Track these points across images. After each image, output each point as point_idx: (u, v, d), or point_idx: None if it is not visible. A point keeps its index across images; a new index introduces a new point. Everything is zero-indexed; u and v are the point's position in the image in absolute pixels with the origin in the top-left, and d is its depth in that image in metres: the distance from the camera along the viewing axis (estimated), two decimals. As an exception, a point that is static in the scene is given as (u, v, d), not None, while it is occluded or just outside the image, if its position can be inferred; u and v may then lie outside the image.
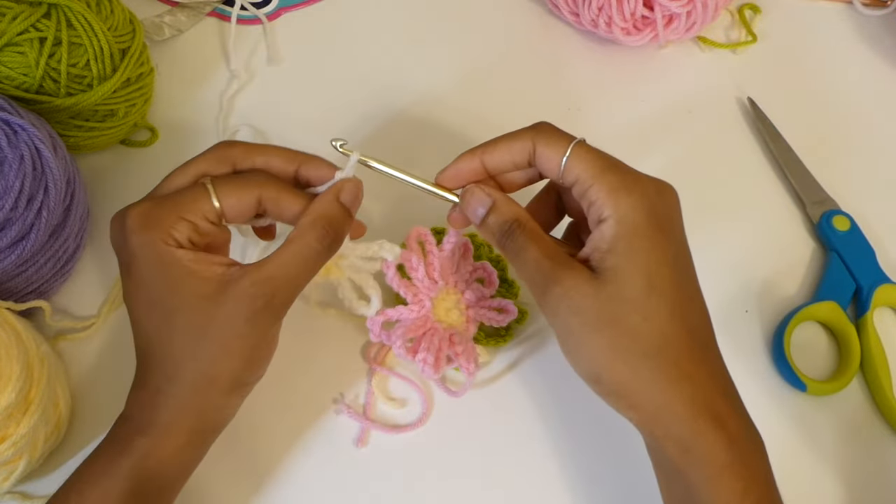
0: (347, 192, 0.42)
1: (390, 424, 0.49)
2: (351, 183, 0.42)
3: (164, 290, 0.39)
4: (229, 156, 0.42)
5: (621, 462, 0.49)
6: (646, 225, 0.39)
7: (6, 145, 0.44)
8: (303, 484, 0.47)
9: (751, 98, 0.61)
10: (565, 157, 0.40)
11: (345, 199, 0.41)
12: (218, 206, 0.40)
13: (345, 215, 0.41)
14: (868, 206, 0.57)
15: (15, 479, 0.43)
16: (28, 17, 0.48)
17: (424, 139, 0.59)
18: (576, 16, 0.63)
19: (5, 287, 0.46)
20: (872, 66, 0.65)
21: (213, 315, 0.39)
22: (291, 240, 0.40)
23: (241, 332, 0.39)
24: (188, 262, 0.39)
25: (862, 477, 0.49)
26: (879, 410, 0.51)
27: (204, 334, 0.39)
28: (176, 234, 0.39)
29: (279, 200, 0.41)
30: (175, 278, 0.39)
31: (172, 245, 0.39)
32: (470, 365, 0.46)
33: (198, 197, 0.40)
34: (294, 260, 0.40)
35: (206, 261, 0.39)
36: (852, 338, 0.52)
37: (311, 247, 0.40)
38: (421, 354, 0.45)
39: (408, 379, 0.50)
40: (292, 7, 0.65)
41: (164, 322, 0.39)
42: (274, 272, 0.39)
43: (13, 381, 0.40)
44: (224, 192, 0.40)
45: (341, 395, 0.50)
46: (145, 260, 0.39)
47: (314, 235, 0.40)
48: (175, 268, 0.39)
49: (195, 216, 0.39)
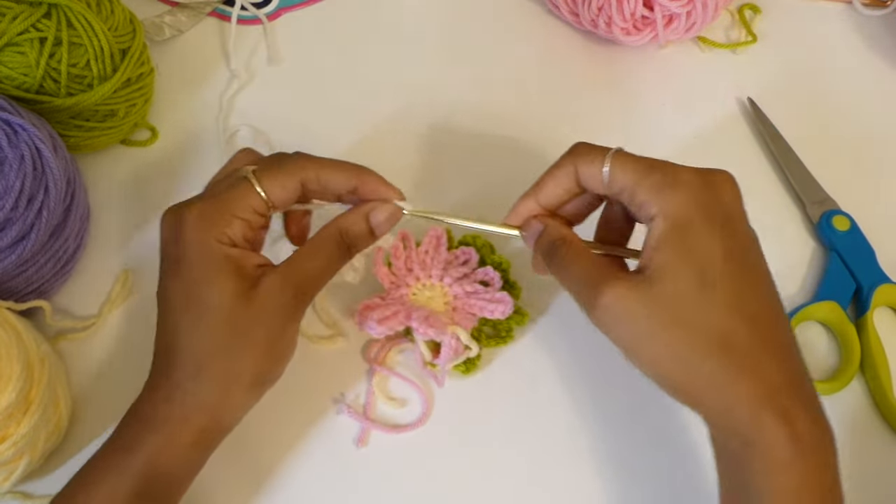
0: (378, 214, 0.43)
1: (390, 424, 0.49)
2: (387, 207, 0.43)
3: (206, 287, 0.40)
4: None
5: (622, 461, 0.49)
6: (693, 218, 0.38)
7: (6, 145, 0.44)
8: (303, 484, 0.47)
9: (751, 98, 0.61)
10: (605, 168, 0.41)
11: (373, 222, 0.43)
12: (265, 196, 0.41)
13: (367, 235, 0.43)
14: (868, 206, 0.57)
15: (15, 479, 0.43)
16: (28, 17, 0.48)
17: (424, 139, 0.59)
18: (576, 16, 0.63)
19: (5, 287, 0.46)
20: (872, 66, 0.65)
21: (244, 310, 0.40)
22: (314, 242, 0.42)
23: (267, 325, 0.40)
24: (235, 260, 0.40)
25: (862, 477, 0.49)
26: (879, 410, 0.51)
27: (234, 330, 0.40)
28: (230, 233, 0.41)
29: (320, 178, 0.42)
30: (221, 276, 0.40)
31: (227, 244, 0.41)
32: (428, 330, 0.46)
33: (246, 193, 0.41)
34: (315, 261, 0.42)
35: (248, 257, 0.41)
36: (852, 338, 0.52)
37: (330, 252, 0.42)
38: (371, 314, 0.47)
39: (408, 379, 0.50)
40: (292, 7, 0.65)
41: (198, 319, 0.40)
42: (299, 271, 0.41)
43: (13, 381, 0.40)
44: (267, 182, 0.41)
45: (342, 394, 0.50)
46: (198, 257, 0.40)
47: (333, 244, 0.42)
48: (224, 266, 0.40)
49: (246, 212, 0.41)
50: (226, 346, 0.40)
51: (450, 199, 0.56)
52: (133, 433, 0.40)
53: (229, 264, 0.40)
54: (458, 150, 0.58)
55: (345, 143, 0.58)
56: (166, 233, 0.42)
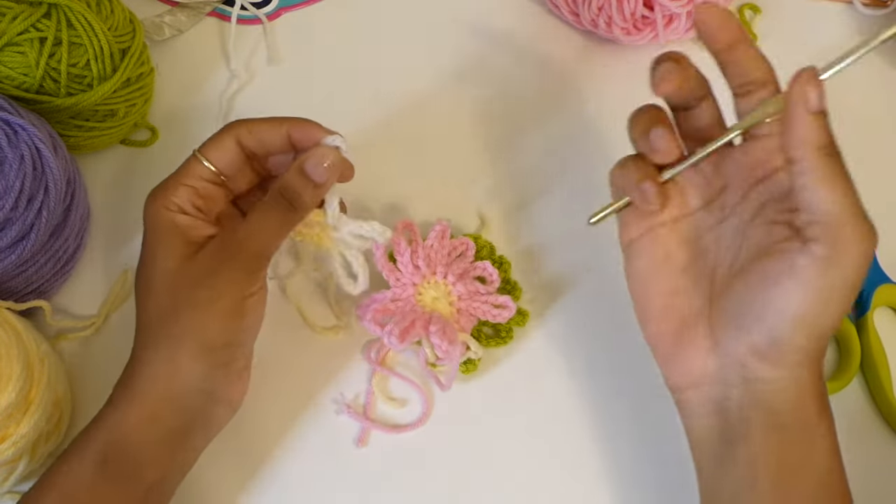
0: (311, 161, 0.42)
1: (390, 424, 0.49)
2: (317, 152, 0.43)
3: (152, 255, 0.42)
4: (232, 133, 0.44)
5: (623, 461, 0.49)
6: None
7: (6, 145, 0.44)
8: (302, 482, 0.47)
9: (751, 98, 0.61)
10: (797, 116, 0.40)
11: (308, 169, 0.42)
12: (206, 163, 0.43)
13: (304, 185, 0.42)
14: (868, 206, 0.57)
15: (15, 479, 0.43)
16: (28, 17, 0.48)
17: (424, 138, 0.59)
18: (576, 16, 0.63)
19: (5, 287, 0.46)
20: (872, 66, 0.65)
21: (184, 272, 0.41)
22: (258, 205, 0.43)
23: (205, 284, 0.40)
24: (181, 225, 0.42)
25: (862, 477, 0.49)
26: (879, 410, 0.51)
27: (174, 291, 0.41)
28: (176, 200, 0.42)
29: (252, 131, 0.43)
30: (165, 242, 0.42)
31: (174, 210, 0.42)
32: (443, 344, 0.46)
33: (190, 163, 0.43)
34: (258, 223, 0.42)
35: (197, 226, 0.42)
36: (852, 338, 0.52)
37: (271, 212, 0.42)
38: (388, 327, 0.46)
39: (408, 379, 0.50)
40: (292, 7, 0.65)
41: (147, 288, 0.41)
42: (241, 232, 0.42)
43: (13, 381, 0.40)
44: (206, 149, 0.43)
45: (341, 394, 0.50)
46: (149, 228, 0.42)
47: (274, 202, 0.42)
48: (167, 231, 0.42)
49: (192, 180, 0.43)
50: (167, 310, 0.41)
51: (451, 198, 0.56)
52: (101, 411, 0.41)
53: (174, 231, 0.41)
54: (459, 150, 0.58)
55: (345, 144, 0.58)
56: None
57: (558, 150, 0.58)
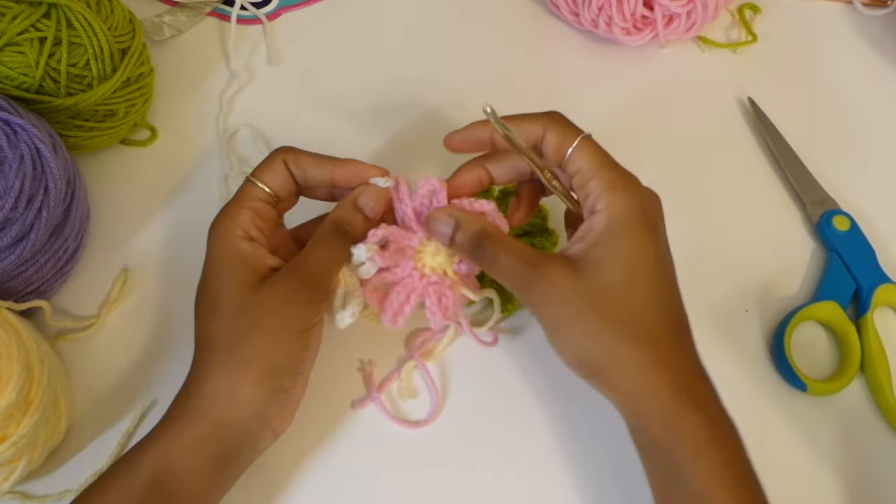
0: (364, 196, 0.45)
1: (393, 413, 0.49)
2: (370, 189, 0.45)
3: (219, 279, 0.43)
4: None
5: (623, 455, 0.49)
6: (634, 222, 0.42)
7: (6, 145, 0.44)
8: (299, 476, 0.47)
9: (751, 98, 0.61)
10: (572, 147, 0.43)
11: (361, 204, 0.45)
12: (261, 185, 0.45)
13: (358, 217, 0.45)
14: (868, 206, 0.57)
15: (15, 479, 0.43)
16: (28, 17, 0.48)
17: (424, 138, 0.59)
18: (576, 16, 0.63)
19: (5, 287, 0.46)
20: (872, 66, 0.65)
21: (251, 299, 0.42)
22: (315, 237, 0.44)
23: (275, 312, 0.42)
24: (246, 252, 0.43)
25: (862, 477, 0.49)
26: (879, 410, 0.51)
27: (243, 317, 0.41)
28: (240, 223, 0.44)
29: (298, 160, 0.45)
30: (230, 268, 0.43)
31: (239, 235, 0.43)
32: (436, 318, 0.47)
33: (246, 186, 0.45)
34: (318, 252, 0.44)
35: (261, 256, 0.44)
36: (852, 338, 0.52)
37: (329, 241, 0.44)
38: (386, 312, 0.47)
39: (433, 382, 0.50)
40: (292, 7, 0.65)
41: (211, 312, 0.42)
42: (303, 261, 0.43)
43: (13, 381, 0.40)
44: (259, 172, 0.45)
45: (370, 360, 0.50)
46: (214, 250, 0.43)
47: (331, 233, 0.44)
48: (232, 258, 0.43)
49: (251, 202, 0.44)
50: (235, 334, 0.41)
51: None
52: (154, 431, 0.41)
53: (240, 256, 0.43)
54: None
55: (345, 143, 0.58)
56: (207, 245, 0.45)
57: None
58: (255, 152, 0.57)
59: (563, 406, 0.50)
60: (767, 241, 0.56)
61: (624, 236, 0.42)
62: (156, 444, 0.40)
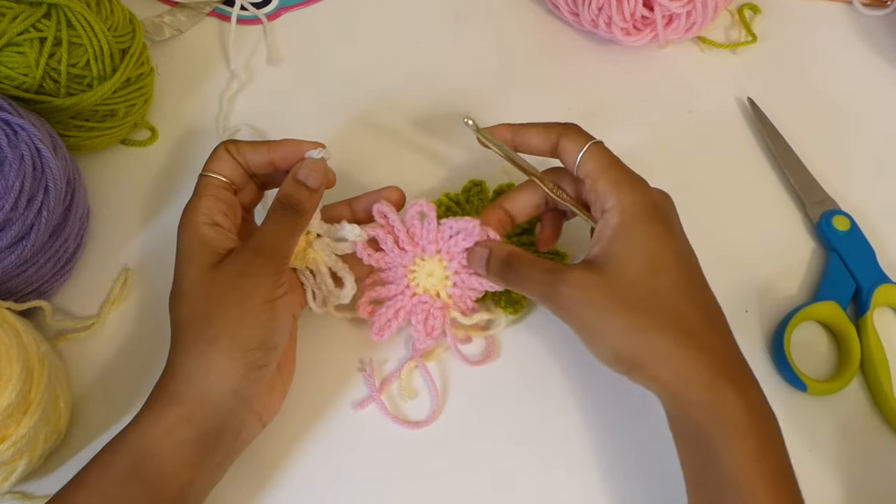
0: (303, 170, 0.46)
1: (394, 412, 0.49)
2: (307, 162, 0.47)
3: (182, 266, 0.44)
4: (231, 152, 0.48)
5: (638, 458, 0.49)
6: (647, 216, 0.43)
7: (6, 145, 0.44)
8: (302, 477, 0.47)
9: (751, 98, 0.61)
10: (582, 152, 0.45)
11: (301, 177, 0.46)
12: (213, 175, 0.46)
13: (301, 189, 0.46)
14: (868, 206, 0.57)
15: (15, 479, 0.43)
16: (28, 17, 0.48)
17: (424, 138, 0.59)
18: (576, 16, 0.63)
19: (5, 287, 0.46)
20: (872, 66, 0.65)
21: (212, 278, 0.43)
22: (267, 215, 0.45)
23: (234, 286, 0.42)
24: (208, 237, 0.44)
25: (862, 477, 0.49)
26: (879, 410, 0.51)
27: (205, 298, 0.42)
28: (203, 210, 0.45)
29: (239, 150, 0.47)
30: (192, 252, 0.44)
31: (202, 221, 0.44)
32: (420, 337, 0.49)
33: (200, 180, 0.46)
34: (269, 226, 0.45)
35: (222, 238, 0.44)
36: (852, 338, 0.52)
37: (279, 216, 0.45)
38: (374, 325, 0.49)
39: (433, 382, 0.50)
40: (292, 7, 0.65)
41: (178, 297, 0.43)
42: (257, 238, 0.44)
43: (13, 381, 0.40)
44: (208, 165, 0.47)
45: (371, 359, 0.50)
46: (181, 240, 0.44)
47: (280, 210, 0.45)
48: (195, 242, 0.44)
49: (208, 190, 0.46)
50: (200, 314, 0.42)
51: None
52: (136, 415, 0.41)
53: (202, 241, 0.44)
54: (459, 149, 0.58)
55: (345, 143, 0.58)
56: None
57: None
58: (255, 152, 0.58)
59: (564, 405, 0.50)
60: (767, 241, 0.56)
61: (639, 230, 0.43)
62: (134, 428, 0.41)
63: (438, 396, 0.50)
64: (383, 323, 0.49)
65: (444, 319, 0.49)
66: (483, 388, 0.50)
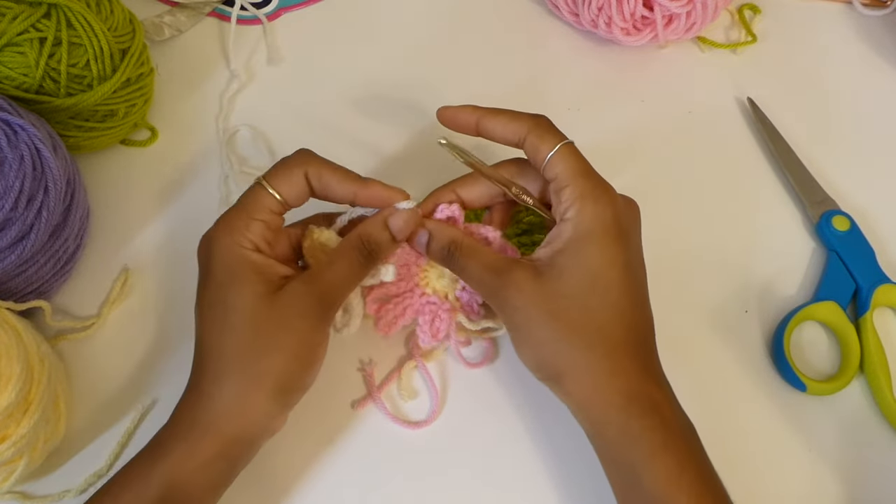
0: (396, 219, 0.45)
1: (393, 412, 0.49)
2: (404, 213, 0.45)
3: (228, 289, 0.41)
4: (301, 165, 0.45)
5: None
6: (601, 233, 0.42)
7: (6, 145, 0.44)
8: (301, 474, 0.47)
9: (751, 98, 0.61)
10: (551, 153, 0.44)
11: (392, 226, 0.45)
12: (277, 196, 0.43)
13: (387, 239, 0.45)
14: (868, 206, 0.57)
15: (15, 479, 0.43)
16: (28, 17, 0.48)
17: (424, 138, 0.59)
18: (576, 16, 0.63)
19: (5, 287, 0.46)
20: (872, 66, 0.65)
21: (266, 313, 0.41)
22: (337, 250, 0.44)
23: (291, 328, 0.41)
24: (257, 264, 0.42)
25: (862, 477, 0.49)
26: (879, 410, 0.51)
27: (257, 331, 0.41)
28: (250, 236, 0.43)
29: (321, 175, 0.44)
30: (242, 278, 0.41)
31: (248, 248, 0.42)
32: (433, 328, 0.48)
33: (258, 194, 0.44)
34: (339, 268, 0.43)
35: (272, 266, 0.43)
36: (852, 338, 0.52)
37: (352, 259, 0.44)
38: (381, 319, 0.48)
39: (433, 383, 0.50)
40: (292, 7, 0.65)
41: (222, 321, 0.41)
42: (322, 276, 0.43)
43: (13, 381, 0.40)
44: (276, 181, 0.44)
45: (370, 359, 0.50)
46: (221, 261, 0.42)
47: (356, 251, 0.44)
48: (244, 268, 0.42)
49: (262, 213, 0.43)
50: (248, 348, 0.40)
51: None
52: (162, 441, 0.41)
53: (252, 267, 0.42)
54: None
55: (345, 143, 0.58)
56: (200, 253, 0.44)
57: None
58: (255, 152, 0.57)
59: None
60: (767, 241, 0.56)
61: (589, 247, 0.42)
62: (166, 458, 0.40)
63: (438, 397, 0.50)
64: (390, 319, 0.49)
65: (451, 322, 0.49)
66: (484, 387, 0.50)
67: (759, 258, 0.55)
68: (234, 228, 0.43)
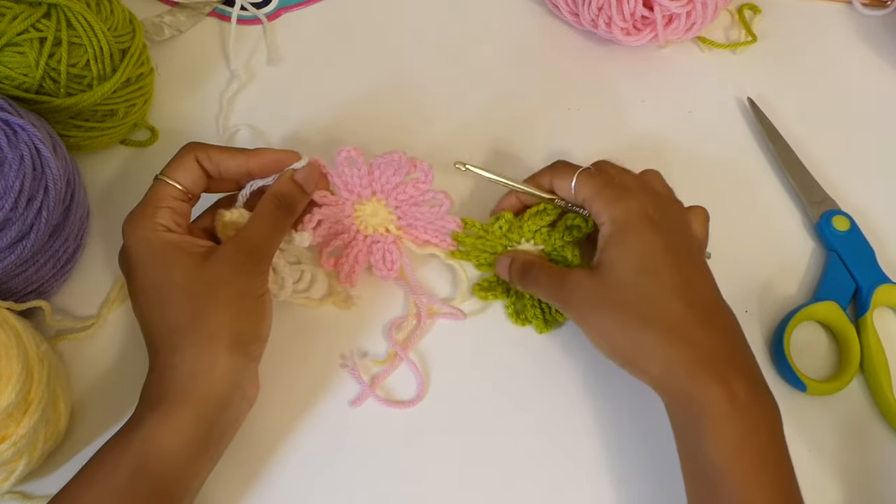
0: (300, 173, 0.48)
1: (389, 398, 0.49)
2: (306, 167, 0.49)
3: (157, 272, 0.44)
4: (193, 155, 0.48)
5: (627, 444, 0.49)
6: (635, 223, 0.46)
7: (6, 145, 0.44)
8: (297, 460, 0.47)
9: (751, 98, 0.61)
10: (573, 183, 0.49)
11: (298, 179, 0.48)
12: (177, 185, 0.46)
13: (298, 191, 0.48)
14: (868, 206, 0.57)
15: (15, 479, 0.43)
16: (28, 17, 0.48)
17: (424, 138, 0.59)
18: (576, 16, 0.63)
19: (5, 287, 0.46)
20: (872, 66, 0.65)
21: (201, 278, 0.43)
22: (257, 211, 0.47)
23: (228, 283, 0.43)
24: (176, 242, 0.44)
25: (862, 477, 0.49)
26: (879, 410, 0.51)
27: (196, 297, 0.43)
28: (160, 220, 0.45)
29: (211, 156, 0.47)
30: (166, 258, 0.44)
31: (161, 230, 0.44)
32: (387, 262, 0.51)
33: (158, 187, 0.46)
34: (261, 223, 0.46)
35: (191, 241, 0.45)
36: (852, 338, 0.52)
37: (271, 213, 0.47)
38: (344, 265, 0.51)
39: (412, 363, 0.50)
40: (292, 7, 0.65)
41: (160, 301, 0.43)
42: (247, 234, 0.46)
43: (13, 381, 0.40)
44: (171, 171, 0.46)
45: (352, 352, 0.51)
46: (139, 251, 0.44)
47: (273, 204, 0.47)
48: (165, 249, 0.44)
49: (165, 200, 0.45)
50: (193, 313, 0.42)
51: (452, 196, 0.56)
52: (136, 415, 0.42)
53: (171, 245, 0.44)
54: (459, 150, 0.58)
55: (345, 143, 0.58)
56: (120, 260, 0.45)
57: (557, 150, 0.58)
58: (255, 152, 0.57)
59: (555, 378, 0.50)
60: (767, 241, 0.56)
61: (627, 236, 0.46)
62: (140, 428, 0.41)
63: (423, 381, 0.50)
64: (348, 269, 0.51)
65: (400, 251, 0.52)
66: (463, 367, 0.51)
67: (759, 258, 0.55)
68: (142, 219, 0.45)
